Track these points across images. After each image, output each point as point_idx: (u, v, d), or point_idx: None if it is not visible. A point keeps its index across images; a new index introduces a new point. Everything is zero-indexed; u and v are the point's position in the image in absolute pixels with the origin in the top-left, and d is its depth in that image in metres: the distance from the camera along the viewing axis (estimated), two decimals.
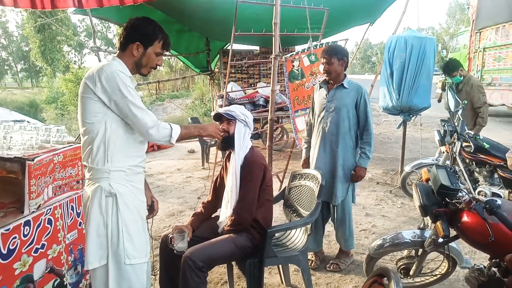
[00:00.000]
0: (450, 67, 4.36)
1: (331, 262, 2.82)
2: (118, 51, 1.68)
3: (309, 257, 2.81)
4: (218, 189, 2.33)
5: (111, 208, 1.59)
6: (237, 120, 2.15)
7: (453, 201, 1.68)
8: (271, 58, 3.71)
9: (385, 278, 1.69)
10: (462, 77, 4.31)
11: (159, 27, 1.68)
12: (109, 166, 1.59)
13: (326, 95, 2.68)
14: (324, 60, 2.60)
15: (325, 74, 2.65)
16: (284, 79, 4.08)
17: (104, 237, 1.60)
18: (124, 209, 1.61)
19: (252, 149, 2.20)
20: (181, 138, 1.71)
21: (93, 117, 1.56)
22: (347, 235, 2.78)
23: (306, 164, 2.89)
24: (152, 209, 1.99)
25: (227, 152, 2.29)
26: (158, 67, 1.80)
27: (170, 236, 2.06)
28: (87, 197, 1.62)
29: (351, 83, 2.64)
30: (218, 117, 2.21)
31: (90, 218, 1.60)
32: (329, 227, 3.10)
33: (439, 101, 6.56)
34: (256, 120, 7.54)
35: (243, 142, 2.16)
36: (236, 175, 2.13)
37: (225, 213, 2.19)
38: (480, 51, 9.74)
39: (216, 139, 2.04)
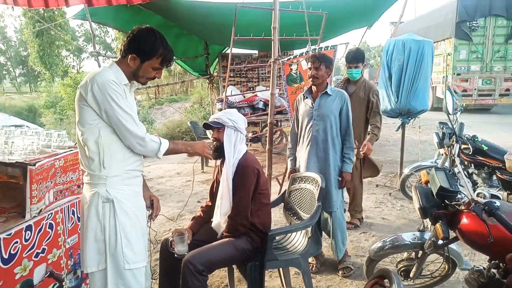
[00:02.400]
0: (359, 55, 3.45)
1: (339, 268, 2.79)
2: (119, 57, 1.69)
3: (309, 260, 2.81)
4: (215, 193, 2.32)
5: (109, 214, 1.60)
6: (226, 127, 2.11)
7: (453, 203, 1.70)
8: (270, 62, 3.73)
9: (386, 280, 1.70)
10: (361, 74, 3.49)
11: (161, 42, 1.62)
12: (105, 173, 1.60)
13: (312, 104, 2.71)
14: (313, 65, 2.63)
15: (311, 79, 2.66)
16: (282, 83, 4.11)
17: (102, 243, 1.61)
18: (122, 215, 1.62)
19: (245, 153, 2.18)
20: (168, 153, 1.73)
21: (87, 125, 1.58)
22: (340, 245, 2.77)
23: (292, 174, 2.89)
24: (152, 207, 1.93)
25: None
26: (156, 78, 1.77)
27: (170, 240, 2.06)
28: (85, 202, 1.63)
29: (334, 90, 2.72)
30: (208, 127, 2.18)
31: (88, 224, 1.61)
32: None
33: None
34: (255, 124, 7.56)
35: (234, 148, 2.12)
36: (228, 182, 2.10)
37: (215, 220, 2.16)
38: None
39: (204, 157, 1.96)
